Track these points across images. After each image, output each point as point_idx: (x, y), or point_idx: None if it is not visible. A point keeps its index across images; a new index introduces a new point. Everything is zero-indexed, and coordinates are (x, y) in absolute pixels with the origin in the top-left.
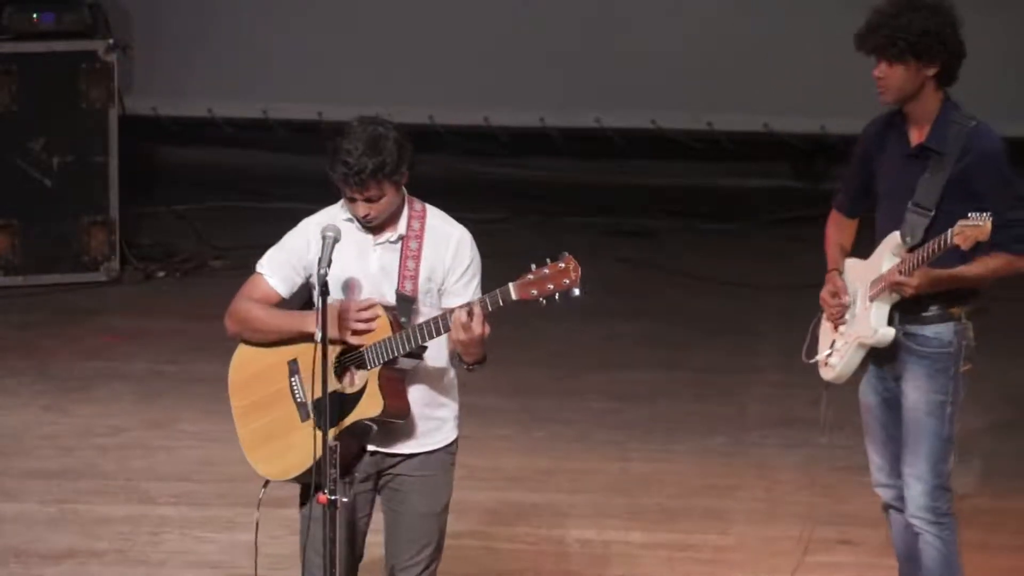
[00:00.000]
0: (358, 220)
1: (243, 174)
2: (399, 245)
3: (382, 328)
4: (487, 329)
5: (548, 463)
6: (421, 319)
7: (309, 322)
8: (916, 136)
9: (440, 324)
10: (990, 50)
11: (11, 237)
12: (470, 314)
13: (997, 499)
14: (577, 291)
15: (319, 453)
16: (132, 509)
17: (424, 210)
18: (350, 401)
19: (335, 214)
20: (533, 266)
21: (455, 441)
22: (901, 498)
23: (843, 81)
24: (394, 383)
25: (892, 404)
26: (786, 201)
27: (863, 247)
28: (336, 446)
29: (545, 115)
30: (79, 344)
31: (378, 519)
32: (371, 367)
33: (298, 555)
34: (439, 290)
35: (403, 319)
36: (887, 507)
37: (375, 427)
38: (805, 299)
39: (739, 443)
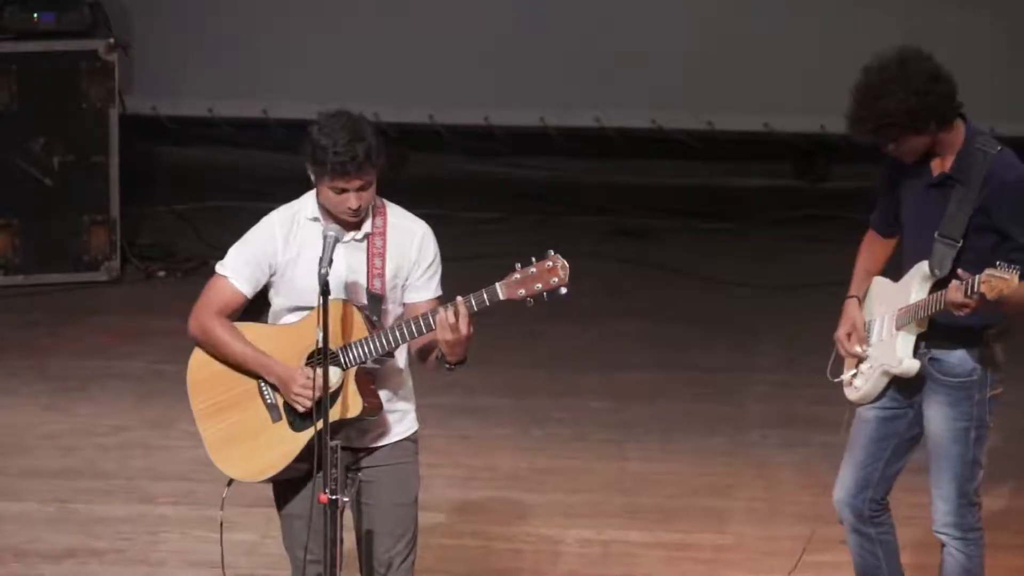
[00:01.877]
0: (343, 216)
1: (243, 174)
2: (364, 243)
3: (358, 328)
4: (471, 329)
5: (547, 463)
6: (389, 317)
7: (268, 370)
8: (938, 165)
9: (422, 324)
10: (989, 50)
11: (11, 237)
12: (456, 314)
13: (997, 499)
14: (565, 290)
15: (296, 454)
16: (132, 509)
17: (384, 206)
18: (325, 400)
19: (297, 211)
20: (518, 265)
21: (417, 431)
22: (858, 516)
23: (843, 81)
24: (367, 382)
25: (888, 421)
26: (786, 201)
27: (892, 267)
28: (337, 446)
29: (545, 115)
30: (79, 344)
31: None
32: (347, 367)
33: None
34: (403, 286)
35: (375, 318)
36: (842, 523)
37: (350, 425)
38: (805, 299)
39: (738, 443)
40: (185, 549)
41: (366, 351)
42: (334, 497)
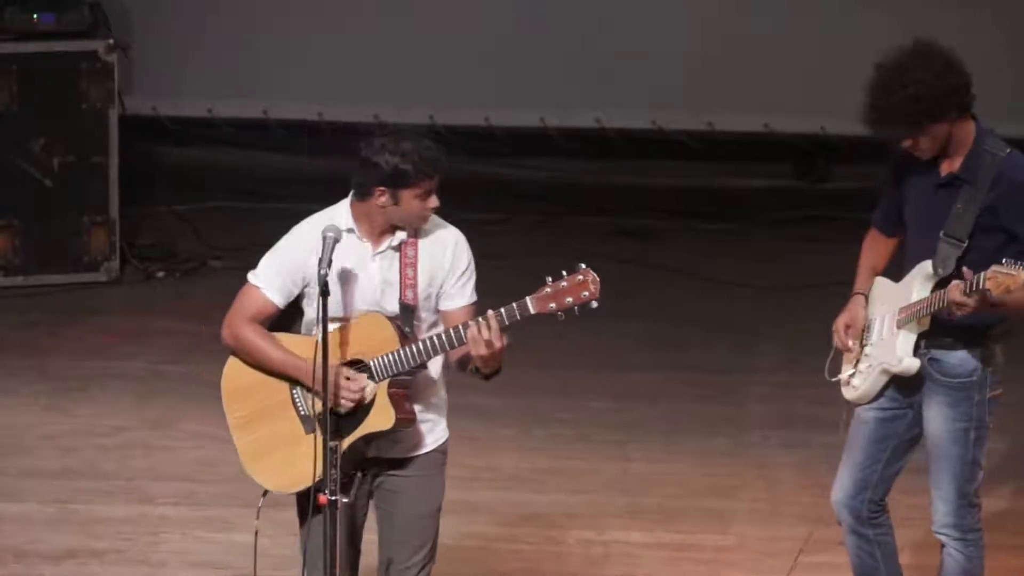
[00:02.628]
0: (420, 222)
1: (243, 174)
2: (398, 253)
3: (389, 340)
4: (505, 341)
5: (548, 463)
6: (423, 325)
7: (304, 375)
8: (947, 165)
9: (453, 337)
10: (990, 50)
11: (11, 237)
12: (488, 328)
13: (997, 500)
14: (596, 304)
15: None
16: (132, 509)
17: None
18: (359, 413)
19: (334, 221)
20: (549, 279)
21: (447, 440)
22: (857, 518)
23: (843, 81)
24: (401, 394)
25: (888, 422)
26: (786, 201)
27: (893, 267)
28: (337, 447)
29: (545, 115)
30: (79, 344)
31: (371, 518)
32: (379, 379)
33: (297, 556)
34: (437, 294)
35: (406, 329)
36: (840, 524)
37: (383, 437)
38: (805, 299)
39: (739, 443)
40: (186, 550)
41: (398, 363)
42: (334, 498)
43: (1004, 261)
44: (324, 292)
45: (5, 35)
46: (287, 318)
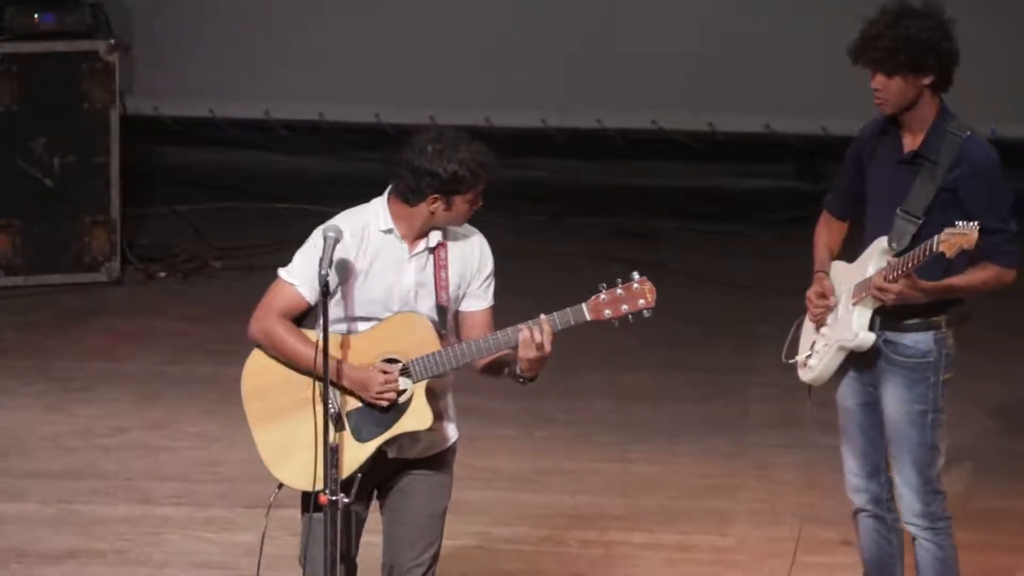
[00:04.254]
0: (460, 222)
1: (244, 174)
2: (432, 255)
3: (430, 341)
4: (552, 348)
5: (549, 464)
6: (449, 328)
7: (342, 374)
8: (910, 143)
9: (500, 340)
10: (990, 51)
11: (12, 237)
12: (541, 332)
13: (997, 499)
14: (648, 313)
15: (361, 463)
16: (133, 509)
17: None
18: (392, 412)
19: (367, 222)
20: (603, 286)
21: (457, 440)
22: (875, 501)
23: (844, 81)
24: (435, 395)
25: (871, 408)
26: (787, 201)
27: (849, 250)
28: (337, 446)
29: (546, 115)
30: (80, 344)
31: (373, 521)
32: (417, 379)
33: (296, 557)
34: (462, 296)
35: (442, 331)
36: (857, 512)
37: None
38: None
39: (740, 444)
40: (187, 550)
41: (439, 364)
42: (334, 498)
43: (957, 223)
44: (324, 292)
45: (6, 35)
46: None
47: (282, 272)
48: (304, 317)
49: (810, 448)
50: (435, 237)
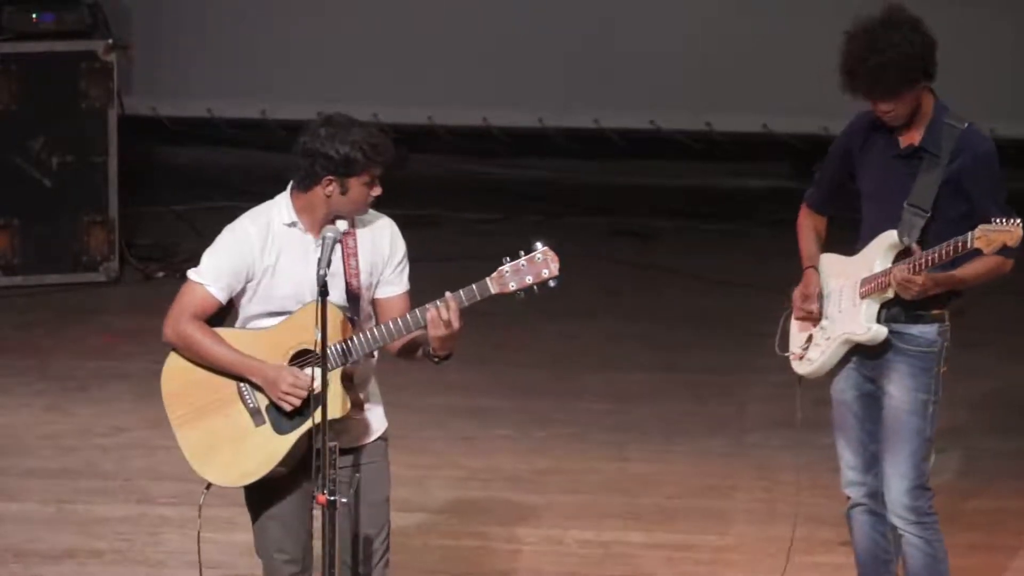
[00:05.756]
0: (361, 211)
1: (242, 174)
2: (339, 243)
3: (342, 328)
4: (461, 323)
5: (547, 463)
6: (363, 315)
7: (253, 371)
8: (906, 137)
9: (410, 321)
10: (991, 50)
11: (10, 237)
12: (448, 309)
13: (997, 499)
14: (554, 282)
15: (280, 457)
16: (132, 509)
17: None
18: (312, 402)
19: (270, 219)
20: (507, 259)
21: (387, 428)
22: (872, 495)
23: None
24: (353, 384)
25: (869, 401)
26: (786, 201)
27: (833, 245)
28: (336, 446)
29: (544, 115)
30: (79, 344)
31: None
32: (333, 367)
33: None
34: (375, 283)
35: (353, 317)
36: (852, 507)
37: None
38: None
39: (738, 443)
40: (185, 549)
41: (352, 351)
42: (333, 498)
43: (993, 220)
44: (323, 292)
45: (5, 35)
46: (216, 316)
47: (191, 273)
48: (220, 317)
49: (809, 448)
50: (342, 225)
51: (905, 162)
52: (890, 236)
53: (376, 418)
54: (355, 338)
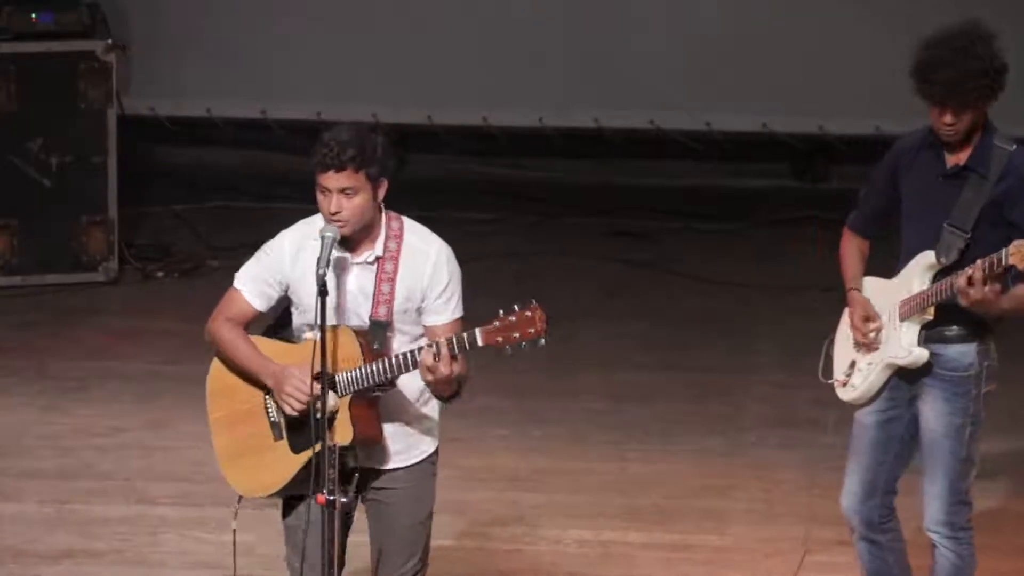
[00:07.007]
0: (326, 218)
1: (242, 174)
2: (375, 267)
3: (354, 356)
4: (456, 368)
5: (546, 463)
6: (396, 341)
7: (264, 371)
8: (954, 158)
9: (410, 360)
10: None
11: (9, 237)
12: (436, 356)
13: (997, 500)
14: (543, 341)
15: (291, 476)
16: (130, 509)
17: (401, 229)
18: (314, 423)
19: (312, 229)
20: (501, 312)
21: (436, 451)
22: (868, 524)
23: (842, 81)
24: (365, 410)
25: (889, 426)
26: (785, 201)
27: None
28: (335, 446)
29: (544, 115)
30: (78, 344)
31: (361, 519)
32: (342, 394)
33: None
34: (418, 308)
35: (376, 345)
36: (853, 535)
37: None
38: (804, 299)
39: (737, 443)
40: (184, 550)
41: (360, 379)
42: (332, 498)
43: None
44: (323, 292)
45: (3, 35)
46: (280, 326)
47: (234, 276)
48: (281, 328)
49: (809, 447)
50: (378, 249)
51: (950, 182)
52: (928, 256)
53: (418, 444)
54: (366, 367)
